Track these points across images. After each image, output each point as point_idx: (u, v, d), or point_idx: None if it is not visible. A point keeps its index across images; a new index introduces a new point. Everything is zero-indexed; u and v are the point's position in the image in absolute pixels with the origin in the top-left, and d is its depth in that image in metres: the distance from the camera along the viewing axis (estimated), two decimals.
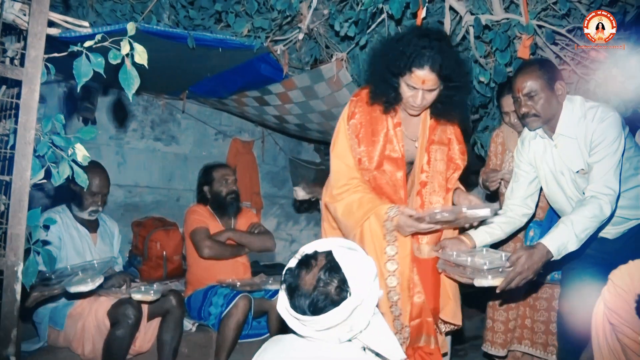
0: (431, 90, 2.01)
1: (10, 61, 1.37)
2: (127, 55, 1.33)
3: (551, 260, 1.97)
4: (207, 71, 3.69)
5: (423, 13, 2.54)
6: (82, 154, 1.36)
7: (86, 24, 1.41)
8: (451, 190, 2.23)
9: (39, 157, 1.32)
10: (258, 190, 5.49)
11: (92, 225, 2.95)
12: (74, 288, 2.36)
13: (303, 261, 1.40)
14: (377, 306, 1.43)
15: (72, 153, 1.35)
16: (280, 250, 5.34)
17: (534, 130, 2.29)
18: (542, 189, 2.40)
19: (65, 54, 1.32)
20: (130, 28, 1.34)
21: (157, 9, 3.05)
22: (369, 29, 2.87)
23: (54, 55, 1.32)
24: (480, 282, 1.97)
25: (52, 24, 1.32)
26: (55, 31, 1.33)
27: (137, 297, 2.60)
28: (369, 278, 1.37)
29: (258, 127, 5.45)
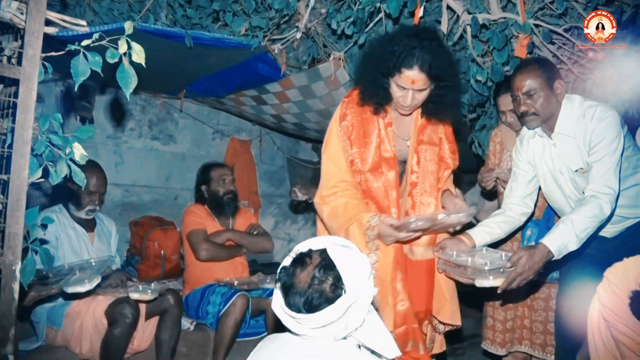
0: (421, 90, 2.00)
1: (8, 60, 1.37)
2: (124, 54, 1.33)
3: (551, 260, 1.97)
4: (205, 70, 3.69)
5: (420, 12, 2.55)
6: (79, 152, 1.36)
7: (84, 22, 1.41)
8: (441, 190, 2.21)
9: (36, 156, 1.31)
10: (256, 190, 5.49)
11: (89, 224, 2.95)
12: (71, 288, 2.36)
13: (298, 259, 1.40)
14: (372, 304, 1.43)
15: (69, 152, 1.35)
16: (278, 249, 5.33)
17: (533, 129, 2.28)
18: (540, 189, 2.41)
19: (63, 52, 1.32)
20: (128, 27, 1.33)
21: (155, 8, 3.05)
22: (366, 28, 2.87)
23: (52, 54, 1.32)
24: (482, 283, 1.96)
25: (49, 23, 1.32)
26: (52, 30, 1.33)
27: (134, 296, 2.60)
28: (364, 275, 1.37)
29: (256, 126, 5.45)
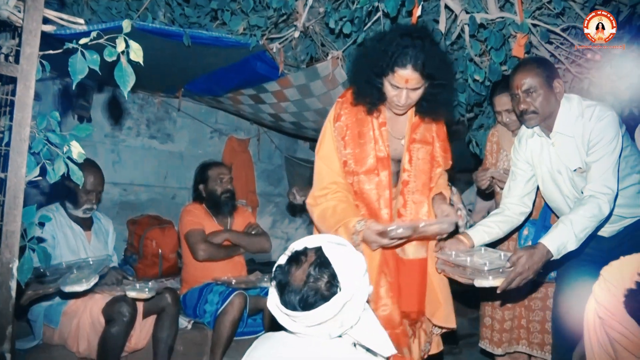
0: (415, 89, 1.99)
1: (5, 58, 1.36)
2: (122, 52, 1.33)
3: (550, 260, 1.97)
4: (203, 69, 3.69)
5: (418, 11, 2.55)
6: (77, 151, 1.36)
7: (81, 21, 1.41)
8: (434, 192, 2.20)
9: (34, 154, 1.31)
10: (254, 189, 5.49)
11: (86, 223, 2.95)
12: (68, 287, 2.35)
13: (293, 257, 1.41)
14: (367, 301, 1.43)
15: (67, 150, 1.35)
16: (276, 248, 5.34)
17: (532, 128, 2.28)
18: (538, 188, 2.41)
19: (61, 51, 1.31)
20: (126, 25, 1.33)
21: (153, 6, 3.04)
22: (364, 27, 2.87)
23: (49, 53, 1.32)
24: (481, 283, 1.95)
25: (47, 21, 1.32)
26: (50, 28, 1.33)
27: (131, 294, 2.60)
28: (359, 273, 1.38)
29: (254, 125, 5.45)
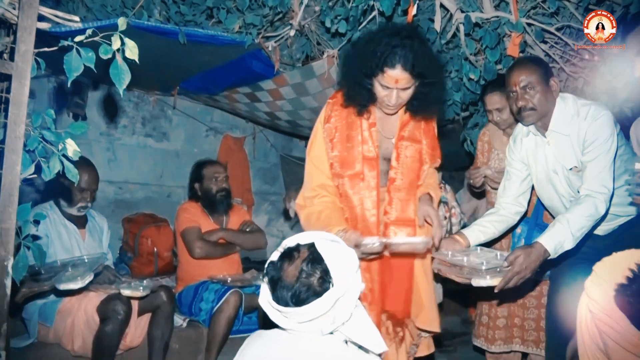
0: (405, 88, 1.99)
1: (0, 55, 1.36)
2: (118, 50, 1.33)
3: (547, 259, 1.98)
4: (199, 67, 3.68)
5: (414, 10, 2.56)
6: (72, 149, 1.36)
7: (77, 18, 1.41)
8: (421, 188, 2.20)
9: (29, 151, 1.31)
10: (249, 187, 5.49)
11: (80, 221, 2.94)
12: (63, 285, 2.34)
13: (285, 254, 1.41)
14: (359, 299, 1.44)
15: (62, 148, 1.35)
16: (272, 246, 5.31)
17: (528, 126, 2.29)
18: (533, 187, 2.42)
19: (56, 48, 1.31)
20: (121, 23, 1.33)
21: (148, 4, 3.04)
22: (360, 26, 2.88)
23: (44, 50, 1.32)
24: (479, 282, 1.94)
25: (42, 18, 1.32)
26: (45, 25, 1.33)
27: (126, 292, 2.59)
28: (352, 270, 1.38)
29: (249, 123, 5.45)
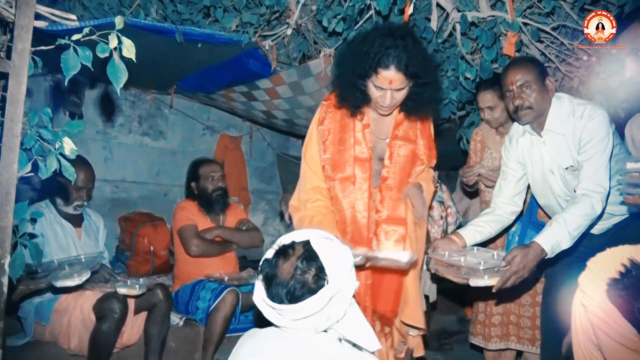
0: (399, 89, 1.98)
1: None
2: (115, 49, 1.33)
3: (545, 259, 1.99)
4: (195, 66, 3.68)
5: (410, 10, 2.56)
6: (69, 147, 1.36)
7: (74, 17, 1.41)
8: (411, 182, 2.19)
9: (26, 150, 1.32)
10: (246, 186, 5.49)
11: (76, 219, 2.94)
12: (60, 282, 2.34)
13: (281, 251, 1.41)
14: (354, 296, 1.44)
15: (59, 146, 1.35)
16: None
17: (524, 126, 2.29)
18: (529, 187, 2.42)
19: (53, 46, 1.31)
20: (119, 22, 1.34)
21: (145, 3, 3.04)
22: (356, 25, 2.88)
23: (41, 48, 1.32)
24: (476, 282, 1.95)
25: (39, 17, 1.32)
26: (42, 24, 1.33)
27: (122, 291, 2.59)
28: (346, 267, 1.38)
29: (246, 122, 5.45)
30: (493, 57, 2.76)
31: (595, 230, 2.29)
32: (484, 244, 2.38)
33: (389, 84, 1.95)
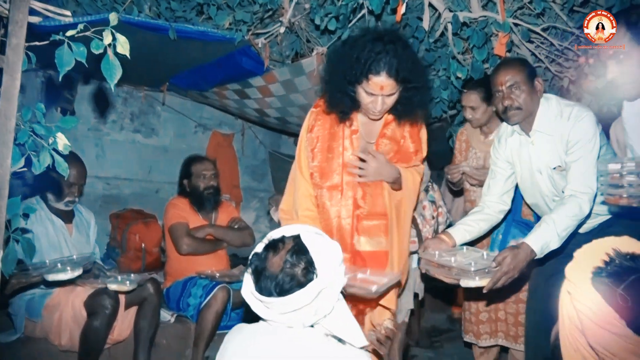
0: (390, 94, 1.98)
1: None
2: (109, 45, 1.34)
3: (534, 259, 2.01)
4: (188, 64, 3.68)
5: (403, 9, 2.58)
6: (62, 142, 1.36)
7: (68, 12, 1.41)
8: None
9: (19, 145, 1.32)
10: (238, 184, 5.49)
11: (67, 216, 2.93)
12: (52, 276, 2.35)
13: (270, 245, 1.42)
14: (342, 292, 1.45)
15: (52, 142, 1.35)
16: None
17: (513, 126, 2.32)
18: (517, 186, 2.46)
19: (47, 42, 1.32)
20: (113, 18, 1.34)
21: (138, 0, 3.04)
22: (349, 24, 2.90)
23: (35, 44, 1.32)
24: (467, 283, 1.96)
25: (33, 12, 1.32)
26: (36, 19, 1.33)
27: (113, 287, 2.59)
28: (336, 262, 1.39)
29: (238, 120, 5.45)
30: (484, 57, 2.79)
31: (582, 229, 2.33)
32: (472, 243, 2.41)
33: (380, 89, 1.95)
